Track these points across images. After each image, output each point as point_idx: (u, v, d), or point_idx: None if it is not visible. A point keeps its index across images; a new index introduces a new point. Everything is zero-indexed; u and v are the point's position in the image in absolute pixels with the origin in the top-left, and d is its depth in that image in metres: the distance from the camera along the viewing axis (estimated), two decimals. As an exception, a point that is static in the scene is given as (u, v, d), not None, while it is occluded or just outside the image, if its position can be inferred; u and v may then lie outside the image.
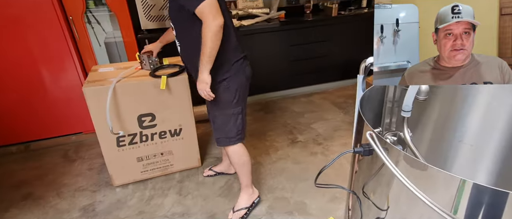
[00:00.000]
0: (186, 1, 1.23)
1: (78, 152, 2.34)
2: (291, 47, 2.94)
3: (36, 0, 1.98)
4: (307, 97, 3.16)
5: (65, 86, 2.27)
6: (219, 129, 1.54)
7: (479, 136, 0.55)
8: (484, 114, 0.53)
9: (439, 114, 0.59)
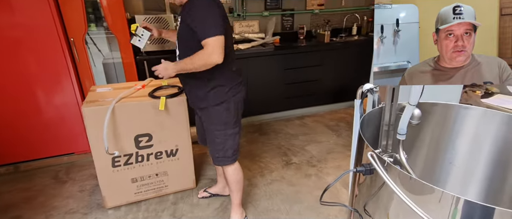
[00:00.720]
0: (199, 29, 1.26)
1: (69, 173, 2.28)
2: (285, 71, 3.05)
3: (39, 23, 2.02)
4: (300, 119, 3.22)
5: (60, 106, 2.26)
6: (219, 149, 1.55)
7: (467, 158, 0.60)
8: (471, 138, 0.59)
9: (431, 137, 0.64)
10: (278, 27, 3.37)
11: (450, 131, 0.60)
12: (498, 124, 0.55)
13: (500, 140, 0.55)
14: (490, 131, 0.56)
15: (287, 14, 3.36)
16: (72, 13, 2.11)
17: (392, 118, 0.65)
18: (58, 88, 2.22)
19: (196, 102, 1.53)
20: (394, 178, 0.43)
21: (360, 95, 0.74)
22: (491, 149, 0.56)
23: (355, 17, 3.52)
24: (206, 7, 1.25)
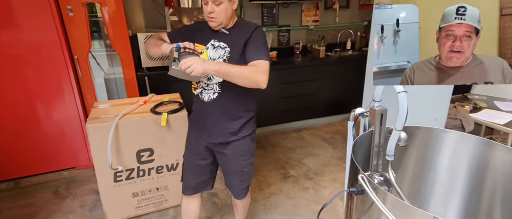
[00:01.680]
0: (254, 50, 1.21)
1: (69, 188, 2.30)
2: (281, 85, 3.13)
3: (44, 41, 2.09)
4: (297, 132, 3.28)
5: (62, 121, 2.30)
6: (245, 179, 1.49)
7: (448, 177, 0.66)
8: (451, 159, 0.65)
9: (417, 157, 0.70)
10: (275, 42, 3.47)
11: (432, 152, 0.67)
12: (473, 147, 0.62)
13: (475, 161, 0.62)
14: (466, 153, 0.62)
15: (283, 30, 3.47)
16: (77, 32, 2.19)
17: (381, 140, 0.72)
18: (61, 104, 2.27)
19: (224, 137, 1.36)
20: (382, 198, 0.50)
21: (353, 118, 0.81)
22: (468, 169, 0.63)
23: (349, 32, 3.65)
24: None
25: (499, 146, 0.59)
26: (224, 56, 1.26)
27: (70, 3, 2.12)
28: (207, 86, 1.32)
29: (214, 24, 1.24)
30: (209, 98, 1.32)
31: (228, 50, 1.26)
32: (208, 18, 1.23)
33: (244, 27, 1.28)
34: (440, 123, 1.50)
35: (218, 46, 1.27)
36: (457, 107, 2.08)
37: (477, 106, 2.18)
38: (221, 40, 1.28)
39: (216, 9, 1.20)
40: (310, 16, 3.53)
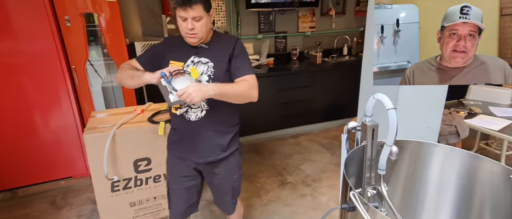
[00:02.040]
0: (241, 65, 1.20)
1: (66, 198, 2.30)
2: (279, 91, 3.15)
3: (42, 51, 2.10)
4: (294, 138, 3.29)
5: (59, 130, 2.30)
6: (236, 193, 1.48)
7: (438, 189, 0.68)
8: (440, 172, 0.67)
9: (408, 170, 0.72)
10: (272, 49, 3.50)
11: (423, 165, 0.68)
12: (461, 160, 0.64)
13: (464, 174, 0.64)
14: (455, 166, 0.64)
15: (280, 36, 3.50)
16: (74, 41, 2.20)
17: (374, 153, 0.73)
18: (58, 113, 2.27)
19: (215, 155, 1.32)
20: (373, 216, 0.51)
21: (346, 131, 0.82)
22: (457, 181, 0.64)
23: (345, 38, 3.68)
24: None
25: (485, 160, 0.60)
26: (208, 72, 1.21)
27: (68, 14, 2.13)
28: (194, 104, 1.25)
29: (194, 40, 1.18)
30: (197, 117, 1.25)
31: (211, 65, 1.21)
32: (187, 35, 1.16)
33: (224, 40, 1.25)
34: (434, 131, 1.51)
35: (199, 62, 1.22)
36: (452, 114, 2.10)
37: (472, 112, 2.20)
38: (202, 56, 1.23)
39: (197, 25, 1.14)
40: (306, 23, 3.56)
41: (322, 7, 3.53)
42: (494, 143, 2.60)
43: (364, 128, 0.75)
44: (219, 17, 3.17)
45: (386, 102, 0.66)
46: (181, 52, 1.24)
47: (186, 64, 1.24)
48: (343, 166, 0.64)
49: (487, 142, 2.65)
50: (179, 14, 1.12)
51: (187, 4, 1.09)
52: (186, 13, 1.10)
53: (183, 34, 1.18)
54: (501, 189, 0.59)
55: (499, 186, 0.60)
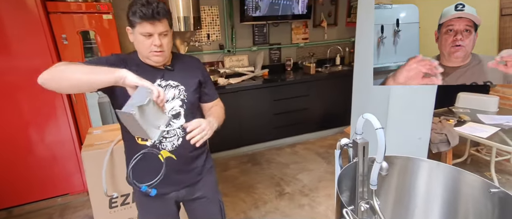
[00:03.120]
0: (211, 88, 1.23)
1: (63, 215, 2.28)
2: (274, 102, 3.20)
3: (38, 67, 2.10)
4: (291, 148, 3.33)
5: (56, 147, 2.30)
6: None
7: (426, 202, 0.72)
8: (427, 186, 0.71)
9: (397, 184, 0.76)
10: (266, 60, 3.57)
11: (411, 178, 0.72)
12: (446, 175, 0.68)
13: (449, 188, 0.68)
14: (440, 180, 0.68)
15: (274, 48, 3.57)
16: (71, 59, 2.23)
17: (365, 169, 0.77)
18: (54, 129, 2.27)
19: (193, 178, 1.23)
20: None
21: (339, 147, 0.86)
22: (443, 194, 0.69)
23: (338, 49, 3.77)
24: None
25: (467, 174, 0.65)
26: (180, 96, 1.10)
27: (65, 32, 2.16)
28: (168, 133, 1.10)
29: (160, 59, 1.04)
30: (173, 146, 1.11)
31: (182, 88, 1.11)
32: (153, 53, 1.02)
33: (188, 62, 1.18)
34: (425, 141, 1.57)
35: (167, 85, 1.09)
36: (442, 122, 2.16)
37: (461, 120, 2.26)
38: (169, 79, 1.09)
39: (164, 41, 1.01)
40: (299, 34, 3.64)
41: (315, 19, 3.63)
42: (484, 149, 2.67)
43: (355, 145, 0.79)
44: (214, 30, 3.23)
45: (374, 122, 0.70)
46: (144, 75, 0.93)
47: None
48: (337, 184, 0.68)
49: (478, 148, 2.71)
50: (143, 29, 0.98)
51: (156, 17, 0.96)
52: (154, 27, 0.98)
53: (146, 53, 1.03)
54: (482, 202, 0.63)
55: (481, 199, 0.64)
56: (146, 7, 0.96)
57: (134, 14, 0.97)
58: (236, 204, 2.37)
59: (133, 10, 0.97)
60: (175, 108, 1.11)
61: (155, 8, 0.97)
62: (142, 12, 0.96)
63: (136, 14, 0.97)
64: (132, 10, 0.98)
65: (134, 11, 0.97)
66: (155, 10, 0.96)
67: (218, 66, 3.33)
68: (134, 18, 0.98)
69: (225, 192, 2.49)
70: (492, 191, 0.61)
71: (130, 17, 0.99)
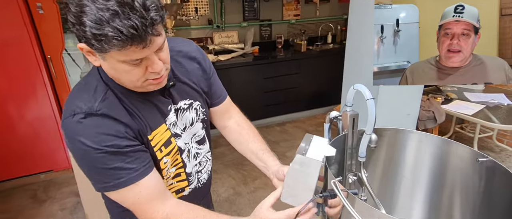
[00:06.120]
0: (218, 84, 0.88)
1: (48, 191, 2.24)
2: (264, 80, 3.15)
3: (12, 39, 1.98)
4: (280, 126, 3.33)
5: (36, 123, 2.22)
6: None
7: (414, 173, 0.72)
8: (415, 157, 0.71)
9: (385, 156, 0.75)
10: (257, 37, 3.47)
11: (399, 150, 0.72)
12: (434, 146, 0.68)
13: (437, 159, 0.68)
14: (428, 150, 0.68)
15: (265, 24, 3.47)
16: (48, 30, 2.09)
17: (354, 142, 0.76)
18: (34, 105, 2.18)
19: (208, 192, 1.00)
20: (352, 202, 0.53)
21: (328, 120, 0.84)
22: (431, 165, 0.69)
23: (330, 26, 3.70)
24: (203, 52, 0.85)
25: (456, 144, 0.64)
26: (201, 116, 0.82)
27: (40, 0, 2.01)
28: (200, 164, 0.85)
29: (162, 84, 0.66)
30: (208, 173, 0.90)
31: (198, 105, 0.80)
32: (151, 82, 0.63)
33: (183, 53, 0.77)
34: (413, 117, 1.58)
35: (180, 108, 0.76)
36: (430, 100, 2.18)
37: (449, 98, 2.30)
38: (178, 99, 0.75)
39: (163, 57, 0.61)
40: (291, 10, 3.54)
41: (307, -6, 3.52)
42: (468, 127, 2.75)
43: (345, 117, 0.76)
44: (202, 4, 3.09)
45: (365, 92, 0.67)
46: (151, 113, 0.69)
47: (167, 126, 0.73)
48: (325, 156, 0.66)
49: (462, 126, 2.78)
50: (128, 57, 0.55)
51: (152, 32, 0.53)
52: (148, 49, 0.55)
53: (138, 84, 0.62)
54: (470, 172, 0.64)
55: (468, 169, 0.64)
56: (131, 20, 0.50)
57: (106, 37, 0.50)
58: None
59: (100, 24, 0.49)
60: (198, 135, 0.82)
61: (147, 18, 0.51)
62: (123, 34, 0.50)
63: (111, 39, 0.50)
64: (95, 21, 0.49)
65: (105, 34, 0.50)
66: (149, 20, 0.51)
67: (206, 43, 3.22)
68: (107, 44, 0.51)
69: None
70: (480, 160, 0.60)
71: (93, 40, 0.51)
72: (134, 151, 0.64)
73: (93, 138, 0.59)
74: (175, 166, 0.77)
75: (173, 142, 0.74)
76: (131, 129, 0.64)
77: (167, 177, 0.76)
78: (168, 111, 0.73)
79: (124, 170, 0.62)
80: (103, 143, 0.60)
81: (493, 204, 0.61)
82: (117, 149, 0.61)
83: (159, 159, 0.71)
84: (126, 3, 0.50)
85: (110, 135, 0.61)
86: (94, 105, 0.61)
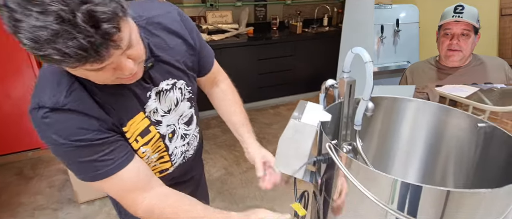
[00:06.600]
0: (205, 49, 0.81)
1: (35, 169, 2.19)
2: (259, 61, 3.10)
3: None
4: (274, 109, 3.31)
5: (21, 100, 2.14)
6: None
7: (409, 143, 0.70)
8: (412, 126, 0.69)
9: (382, 126, 0.73)
10: (252, 18, 3.38)
11: (396, 120, 0.70)
12: (432, 113, 0.66)
13: (434, 127, 0.66)
14: (425, 119, 0.67)
15: (260, 4, 3.38)
16: None
17: (350, 111, 0.73)
18: (20, 83, 2.09)
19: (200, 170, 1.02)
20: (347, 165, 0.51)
21: (324, 90, 0.81)
22: (427, 134, 0.67)
23: (326, 8, 3.63)
24: (187, 16, 0.76)
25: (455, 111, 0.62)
26: (184, 96, 0.75)
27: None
28: (189, 145, 0.82)
29: (139, 75, 0.59)
30: (194, 149, 0.86)
31: (182, 83, 0.73)
32: (121, 80, 0.56)
33: (161, 33, 0.67)
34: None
35: (162, 90, 0.69)
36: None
37: (443, 82, 2.29)
38: (159, 80, 0.68)
39: (134, 54, 0.53)
40: (287, -10, 3.45)
41: (304, -27, 3.42)
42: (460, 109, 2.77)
43: (341, 84, 0.73)
44: (196, -20, 2.98)
45: (364, 55, 0.64)
46: (126, 102, 0.63)
47: (146, 114, 0.67)
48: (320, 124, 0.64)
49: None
50: (86, 68, 0.48)
51: (103, 50, 0.45)
52: (107, 60, 0.47)
53: (110, 82, 0.56)
54: (466, 139, 0.62)
55: (465, 136, 0.63)
56: (77, 40, 0.41)
57: (51, 58, 0.43)
58: (217, 160, 2.37)
59: (39, 44, 0.41)
60: (185, 115, 0.77)
61: (96, 36, 0.43)
62: (70, 56, 0.42)
63: (58, 61, 0.43)
64: (33, 40, 0.41)
65: (48, 55, 0.42)
66: (99, 39, 0.43)
67: (200, 22, 3.13)
68: (56, 63, 0.44)
69: (206, 149, 2.47)
70: (479, 126, 0.59)
71: (39, 58, 0.45)
72: (109, 143, 0.59)
73: (62, 133, 0.55)
74: (158, 152, 0.74)
75: (153, 130, 0.69)
76: (105, 122, 0.59)
77: (149, 163, 0.72)
78: (147, 97, 0.66)
79: (100, 162, 0.59)
80: (74, 138, 0.55)
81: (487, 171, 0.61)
82: (90, 143, 0.57)
83: (136, 149, 0.66)
84: (66, 20, 0.40)
85: (82, 129, 0.56)
86: (60, 100, 0.55)
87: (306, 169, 0.67)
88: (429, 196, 0.44)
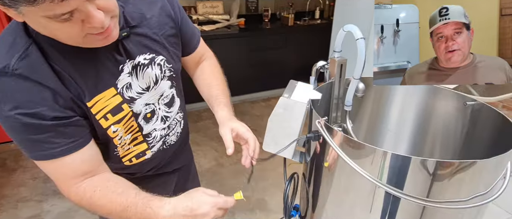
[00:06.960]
0: (190, 27, 0.76)
1: (18, 160, 2.12)
2: (250, 53, 3.07)
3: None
4: (266, 101, 3.30)
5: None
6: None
7: (398, 125, 0.71)
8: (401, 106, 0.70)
9: (372, 108, 0.73)
10: (243, 9, 3.34)
11: (385, 101, 0.70)
12: (419, 95, 0.67)
13: (420, 107, 0.67)
14: (413, 101, 0.67)
15: (252, -5, 3.34)
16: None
17: (341, 92, 0.72)
18: None
19: (188, 157, 1.00)
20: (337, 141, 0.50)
21: (315, 72, 0.80)
22: (414, 116, 0.68)
23: (318, 1, 3.62)
24: None
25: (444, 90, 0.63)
26: (164, 74, 0.70)
27: None
28: (169, 128, 0.77)
29: (114, 36, 0.54)
30: (178, 134, 0.82)
31: (162, 59, 0.68)
32: (93, 37, 0.50)
33: (138, 1, 0.63)
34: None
35: (139, 64, 0.63)
36: (413, 74, 2.20)
37: (431, 74, 2.33)
38: (136, 53, 0.63)
39: (103, 4, 0.48)
40: (279, -18, 3.42)
41: (296, -35, 3.39)
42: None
43: (332, 64, 0.73)
44: (186, -31, 2.91)
45: (356, 32, 0.63)
46: (94, 74, 0.57)
47: (118, 90, 0.61)
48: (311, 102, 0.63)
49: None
50: (48, 12, 0.42)
51: None
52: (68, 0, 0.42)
53: (80, 41, 0.50)
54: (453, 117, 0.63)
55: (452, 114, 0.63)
56: None
57: None
58: (207, 152, 2.35)
59: None
60: (165, 95, 0.73)
61: None
62: None
63: None
64: None
65: None
66: None
67: (190, 12, 3.07)
68: (10, 0, 0.40)
69: (197, 141, 2.44)
70: (468, 104, 0.59)
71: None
72: (61, 125, 0.53)
73: (8, 102, 0.49)
74: (131, 132, 0.68)
75: (126, 109, 0.63)
76: (61, 96, 0.53)
77: (122, 145, 0.67)
78: (119, 71, 0.60)
79: (46, 143, 0.54)
80: (21, 111, 0.49)
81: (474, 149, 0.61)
82: (39, 121, 0.51)
83: (105, 128, 0.60)
84: None
85: (32, 102, 0.50)
86: (10, 63, 0.48)
87: (296, 149, 0.67)
88: (417, 167, 0.44)
